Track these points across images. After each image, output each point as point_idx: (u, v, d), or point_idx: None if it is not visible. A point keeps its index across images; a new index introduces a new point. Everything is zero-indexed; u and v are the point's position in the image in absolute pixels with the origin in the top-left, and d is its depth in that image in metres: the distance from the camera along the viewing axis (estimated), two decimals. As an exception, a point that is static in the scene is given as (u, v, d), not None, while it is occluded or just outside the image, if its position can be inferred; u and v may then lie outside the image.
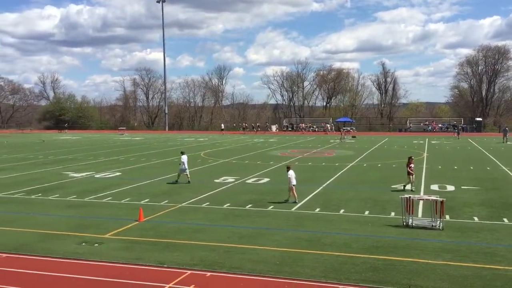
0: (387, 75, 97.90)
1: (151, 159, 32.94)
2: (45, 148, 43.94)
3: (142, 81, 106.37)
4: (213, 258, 10.74)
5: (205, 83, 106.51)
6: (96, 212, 15.79)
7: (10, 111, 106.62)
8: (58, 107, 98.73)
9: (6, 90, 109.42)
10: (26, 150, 40.81)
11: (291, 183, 17.03)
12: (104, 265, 10.31)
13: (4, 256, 10.95)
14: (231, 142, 51.12)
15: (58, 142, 53.58)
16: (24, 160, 31.94)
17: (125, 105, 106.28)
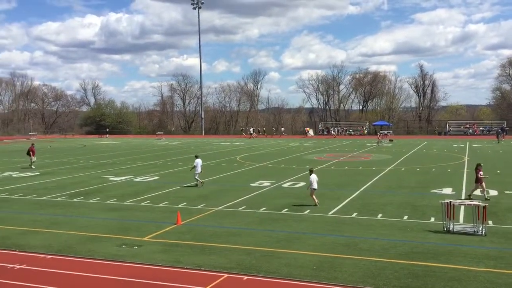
0: (425, 77, 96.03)
1: (188, 163, 33.34)
2: (87, 152, 45.19)
3: (179, 86, 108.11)
4: (250, 262, 10.78)
5: (240, 88, 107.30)
6: (135, 215, 16.13)
7: (53, 117, 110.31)
8: (98, 113, 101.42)
9: (50, 97, 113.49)
10: (68, 155, 42.10)
11: (312, 187, 17.15)
12: (144, 267, 10.52)
13: (49, 257, 11.33)
14: (267, 146, 51.19)
15: (99, 146, 54.99)
16: (67, 164, 32.95)
17: (163, 110, 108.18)
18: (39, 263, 10.88)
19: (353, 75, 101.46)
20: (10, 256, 11.40)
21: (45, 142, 66.75)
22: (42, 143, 64.01)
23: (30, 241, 12.78)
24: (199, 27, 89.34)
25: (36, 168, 30.73)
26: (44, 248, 12.06)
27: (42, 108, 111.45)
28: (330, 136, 72.56)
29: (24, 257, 11.34)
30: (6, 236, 13.34)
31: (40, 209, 17.41)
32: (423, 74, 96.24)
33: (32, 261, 10.98)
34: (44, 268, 10.49)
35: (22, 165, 31.70)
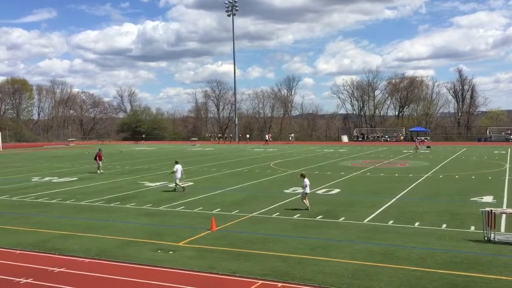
0: (464, 82, 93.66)
1: (222, 169, 33.57)
2: (123, 158, 46.09)
3: (213, 93, 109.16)
4: (284, 268, 10.72)
5: (274, 94, 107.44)
6: (170, 220, 16.31)
7: (91, 123, 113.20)
8: (134, 119, 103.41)
9: (88, 104, 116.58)
10: (105, 161, 43.02)
11: (305, 191, 17.43)
12: (179, 272, 10.61)
13: (87, 261, 11.58)
14: (301, 152, 50.97)
15: (135, 152, 56.02)
16: (104, 170, 33.66)
17: (197, 117, 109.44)
18: (78, 266, 11.13)
19: (389, 80, 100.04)
20: (50, 260, 11.70)
21: (84, 148, 68.48)
22: (80, 149, 65.72)
23: (69, 245, 13.09)
24: (233, 34, 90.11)
25: (80, 173, 31.54)
26: (83, 252, 12.33)
27: (80, 115, 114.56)
28: (360, 142, 71.61)
29: (63, 260, 11.63)
30: (47, 239, 13.72)
31: (78, 213, 17.84)
32: (462, 78, 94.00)
33: (71, 265, 11.24)
34: (83, 272, 10.72)
35: (89, 170, 32.24)
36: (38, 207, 19.20)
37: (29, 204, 20.08)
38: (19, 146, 76.40)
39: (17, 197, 21.76)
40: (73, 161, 42.42)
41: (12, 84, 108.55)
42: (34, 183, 27.22)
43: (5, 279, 10.24)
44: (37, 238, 13.84)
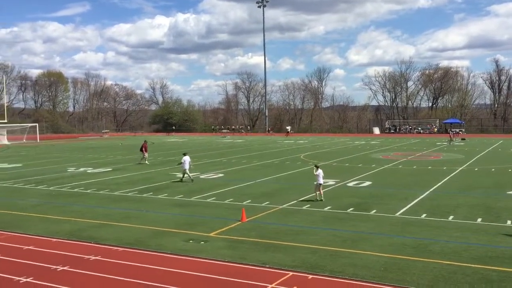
0: (501, 72, 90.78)
1: (252, 161, 33.68)
2: (155, 150, 46.75)
3: (244, 84, 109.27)
4: (315, 260, 10.71)
5: (304, 86, 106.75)
6: (202, 211, 16.49)
7: (124, 115, 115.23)
8: (166, 111, 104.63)
9: (121, 96, 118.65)
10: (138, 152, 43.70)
11: (319, 181, 17.45)
12: (210, 262, 10.73)
13: (121, 250, 11.85)
14: (331, 145, 50.62)
15: (167, 144, 56.76)
16: (137, 161, 34.26)
17: (227, 108, 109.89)
18: (112, 255, 11.40)
19: (422, 71, 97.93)
20: (86, 248, 12.03)
21: (117, 139, 69.83)
22: (114, 140, 67.04)
23: (104, 234, 13.42)
24: (264, 25, 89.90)
25: (114, 164, 32.23)
26: (117, 241, 12.61)
27: (114, 107, 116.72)
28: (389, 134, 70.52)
29: (98, 249, 11.93)
30: (82, 228, 14.10)
31: (112, 203, 18.24)
32: (498, 69, 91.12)
33: (106, 253, 11.53)
34: (117, 260, 10.98)
35: (137, 162, 32.91)
36: (74, 197, 19.73)
37: (66, 193, 20.65)
38: (55, 137, 78.53)
39: (54, 187, 22.41)
40: (107, 152, 43.33)
41: (48, 77, 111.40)
42: (70, 173, 27.96)
43: (43, 266, 10.59)
44: (73, 227, 14.24)
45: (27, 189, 22.09)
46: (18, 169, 30.81)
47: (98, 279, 9.74)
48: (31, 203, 18.37)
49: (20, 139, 67.24)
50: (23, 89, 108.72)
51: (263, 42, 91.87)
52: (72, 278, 9.83)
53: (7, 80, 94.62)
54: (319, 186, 17.83)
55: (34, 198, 19.51)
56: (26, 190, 21.94)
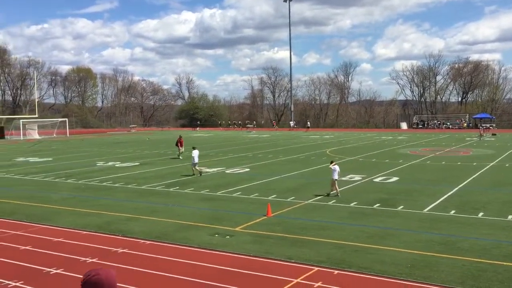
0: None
1: (277, 156, 33.64)
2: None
3: (269, 79, 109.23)
4: (341, 256, 10.64)
5: (330, 80, 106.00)
6: (227, 205, 16.57)
7: (151, 111, 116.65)
8: (192, 106, 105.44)
9: (148, 91, 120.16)
10: (165, 147, 44.24)
11: (334, 177, 17.56)
12: (236, 256, 10.78)
13: (148, 243, 12.01)
14: (358, 140, 50.13)
15: (192, 139, 57.18)
16: (163, 156, 34.66)
17: (253, 104, 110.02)
18: (140, 248, 11.57)
19: (451, 65, 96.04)
20: (114, 240, 12.24)
21: (144, 134, 70.74)
22: (141, 135, 67.93)
23: (131, 227, 13.62)
24: (289, 20, 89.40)
25: (141, 159, 32.67)
26: (144, 234, 12.79)
27: (141, 102, 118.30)
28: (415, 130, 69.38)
29: (126, 242, 12.12)
30: (111, 221, 14.34)
31: (140, 197, 18.50)
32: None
33: (133, 246, 11.70)
34: (144, 253, 11.13)
35: (172, 156, 33.42)
36: (103, 191, 20.08)
37: (95, 187, 21.04)
38: (84, 132, 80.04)
39: (83, 181, 22.86)
40: (134, 147, 43.93)
41: (77, 72, 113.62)
42: (99, 167, 28.46)
43: (73, 258, 10.82)
44: (102, 220, 14.50)
45: (57, 183, 22.59)
46: (49, 163, 31.53)
47: (126, 271, 9.90)
48: (61, 196, 18.78)
49: (51, 134, 68.78)
50: (53, 84, 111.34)
51: (289, 37, 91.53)
52: (100, 270, 10.00)
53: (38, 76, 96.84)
54: (335, 181, 17.80)
55: (64, 192, 19.95)
56: (56, 183, 22.44)
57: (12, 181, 23.35)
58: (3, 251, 11.44)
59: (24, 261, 10.62)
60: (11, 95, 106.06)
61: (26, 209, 16.46)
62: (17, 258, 10.89)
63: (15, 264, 10.45)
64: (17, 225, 14.14)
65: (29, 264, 10.41)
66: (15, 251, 11.43)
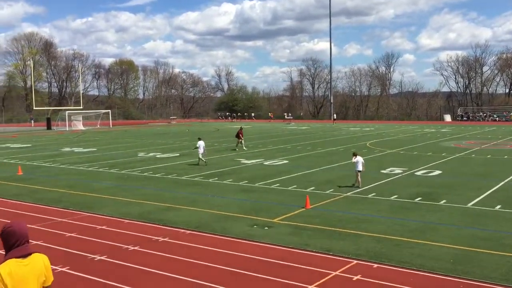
0: None
1: (316, 148, 33.44)
2: (220, 136, 47.64)
3: (309, 71, 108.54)
4: (380, 250, 10.50)
5: (371, 72, 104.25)
6: (266, 197, 16.62)
7: (191, 102, 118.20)
8: (231, 98, 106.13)
9: (188, 83, 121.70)
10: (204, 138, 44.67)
11: (357, 168, 17.74)
12: (274, 247, 10.82)
13: (188, 232, 12.21)
14: (399, 132, 49.16)
15: (231, 130, 57.55)
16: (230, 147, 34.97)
17: (292, 95, 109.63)
18: (180, 237, 11.78)
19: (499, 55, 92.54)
20: (155, 229, 12.51)
21: (184, 125, 71.75)
22: (181, 126, 68.93)
23: (171, 216, 13.87)
24: (330, 10, 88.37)
25: (181, 150, 33.19)
26: (184, 223, 13.01)
27: (181, 94, 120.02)
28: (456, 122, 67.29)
29: (166, 231, 12.37)
30: (152, 211, 14.66)
31: (179, 187, 18.81)
32: None
33: (174, 235, 11.92)
34: (184, 242, 11.33)
35: (230, 146, 33.69)
36: (144, 180, 20.53)
37: (136, 177, 21.54)
38: (126, 123, 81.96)
39: (125, 171, 23.44)
40: (174, 138, 44.66)
41: (120, 65, 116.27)
42: (140, 158, 29.10)
43: (116, 246, 11.14)
44: (143, 209, 14.84)
45: (100, 172, 23.26)
46: (93, 153, 32.48)
47: (167, 259, 10.11)
48: (104, 186, 19.33)
49: (94, 125, 70.79)
50: (97, 77, 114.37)
51: (329, 28, 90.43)
52: (142, 257, 10.27)
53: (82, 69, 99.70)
54: (358, 173, 17.83)
55: (107, 181, 20.52)
56: (100, 173, 23.11)
57: (58, 170, 24.21)
58: (50, 237, 11.91)
59: (69, 248, 11.01)
60: (57, 87, 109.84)
61: (71, 197, 17.05)
62: (63, 244, 11.30)
63: (61, 250, 10.85)
64: (63, 212, 14.67)
65: (75, 251, 10.79)
66: (61, 238, 11.87)
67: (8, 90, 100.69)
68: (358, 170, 17.89)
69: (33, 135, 54.25)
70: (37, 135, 54.15)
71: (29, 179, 21.41)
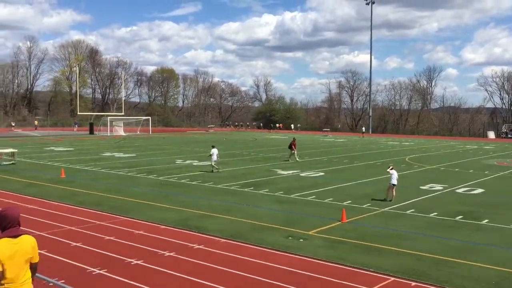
0: None
1: (353, 161, 33.02)
2: (257, 146, 47.74)
3: (348, 83, 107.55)
4: (419, 268, 10.22)
5: (412, 85, 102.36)
6: (301, 209, 16.51)
7: (229, 111, 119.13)
8: (269, 108, 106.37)
9: (226, 93, 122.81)
10: (241, 147, 44.99)
11: (391, 182, 17.62)
12: (309, 260, 10.70)
13: (223, 241, 12.25)
14: (439, 148, 47.98)
15: (268, 141, 57.63)
16: (239, 156, 35.22)
17: (330, 107, 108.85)
18: (215, 245, 11.83)
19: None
20: (191, 236, 12.61)
21: (221, 134, 72.33)
22: (218, 135, 69.53)
23: (207, 224, 13.95)
24: (371, 23, 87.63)
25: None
26: (219, 232, 13.06)
27: (219, 103, 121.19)
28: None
29: (202, 238, 12.44)
30: (188, 218, 14.80)
31: (215, 195, 18.92)
32: None
33: (209, 243, 11.99)
34: (219, 250, 11.36)
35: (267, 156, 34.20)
36: (181, 187, 20.77)
37: (173, 184, 21.82)
38: (166, 130, 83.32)
39: (163, 177, 23.79)
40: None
41: (161, 73, 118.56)
42: (178, 165, 29.49)
43: (152, 251, 11.29)
44: (179, 216, 15.00)
45: (139, 178, 23.69)
46: (133, 158, 33.16)
47: (201, 266, 10.16)
48: (142, 191, 19.67)
49: (135, 131, 72.31)
50: (139, 84, 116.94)
51: (370, 40, 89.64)
52: (177, 264, 10.36)
53: (125, 76, 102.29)
54: (392, 186, 17.64)
55: (145, 186, 20.88)
56: (138, 178, 23.55)
57: (99, 174, 24.82)
58: (90, 239, 12.19)
59: (108, 251, 11.23)
60: (101, 93, 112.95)
61: (110, 201, 17.43)
62: (102, 247, 11.54)
63: (99, 253, 11.08)
64: (102, 215, 15.00)
65: (113, 254, 10.99)
66: (100, 241, 12.13)
67: (54, 95, 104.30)
68: (392, 183, 17.69)
69: (76, 139, 55.91)
70: (80, 139, 55.79)
71: (71, 181, 22.04)
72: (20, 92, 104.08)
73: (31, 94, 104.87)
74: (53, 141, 50.59)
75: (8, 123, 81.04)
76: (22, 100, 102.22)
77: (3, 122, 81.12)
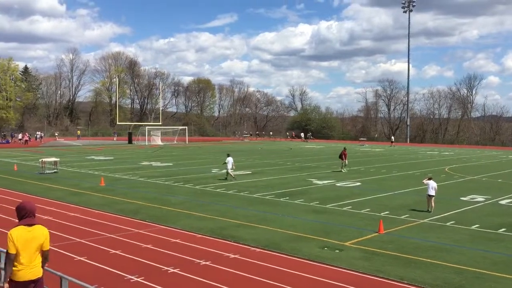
0: None
1: (391, 171, 32.46)
2: (293, 155, 47.60)
3: (385, 92, 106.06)
4: (460, 281, 9.92)
5: (452, 94, 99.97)
6: (337, 219, 16.33)
7: (264, 121, 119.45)
8: (304, 118, 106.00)
9: (262, 102, 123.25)
10: (276, 157, 44.96)
11: (428, 192, 17.56)
12: (345, 271, 10.57)
13: (258, 251, 12.25)
14: (481, 158, 46.58)
15: (304, 150, 57.38)
16: (275, 166, 35.19)
17: (366, 117, 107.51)
18: (250, 254, 11.85)
19: None
20: (226, 246, 12.67)
21: (257, 144, 72.53)
22: (254, 145, 69.74)
23: (242, 234, 13.99)
24: (409, 31, 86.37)
25: (253, 168, 33.58)
26: (254, 241, 13.07)
27: (255, 113, 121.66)
28: None
29: (237, 247, 12.49)
30: (224, 227, 14.89)
31: (251, 205, 18.96)
32: None
33: (244, 252, 12.01)
34: (254, 260, 11.37)
35: (303, 166, 34.48)
36: (217, 197, 20.93)
37: (209, 193, 22.01)
38: (202, 139, 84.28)
39: (199, 186, 24.03)
40: (247, 156, 45.22)
41: (198, 83, 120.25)
42: (213, 174, 29.73)
43: (188, 259, 11.40)
44: (215, 225, 15.11)
45: (176, 187, 24.01)
46: (169, 168, 33.65)
47: (236, 276, 10.19)
48: (179, 200, 19.92)
49: (172, 140, 73.40)
50: (176, 94, 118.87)
51: (408, 48, 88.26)
52: (213, 273, 10.42)
53: (163, 86, 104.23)
54: (430, 197, 17.46)
55: (182, 195, 21.14)
56: (175, 187, 23.87)
57: (137, 183, 25.31)
58: (127, 247, 12.43)
59: (145, 258, 11.42)
60: (139, 103, 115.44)
61: (148, 209, 17.73)
62: (139, 255, 11.75)
63: (137, 261, 11.28)
64: (140, 224, 15.28)
65: (150, 262, 11.17)
66: (138, 248, 12.34)
67: (95, 106, 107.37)
68: (428, 194, 17.53)
69: (115, 148, 57.25)
70: (119, 148, 57.10)
71: (111, 190, 22.56)
72: (63, 103, 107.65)
73: (73, 105, 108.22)
74: (93, 151, 51.97)
75: (52, 133, 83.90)
76: (65, 111, 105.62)
77: (47, 132, 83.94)
